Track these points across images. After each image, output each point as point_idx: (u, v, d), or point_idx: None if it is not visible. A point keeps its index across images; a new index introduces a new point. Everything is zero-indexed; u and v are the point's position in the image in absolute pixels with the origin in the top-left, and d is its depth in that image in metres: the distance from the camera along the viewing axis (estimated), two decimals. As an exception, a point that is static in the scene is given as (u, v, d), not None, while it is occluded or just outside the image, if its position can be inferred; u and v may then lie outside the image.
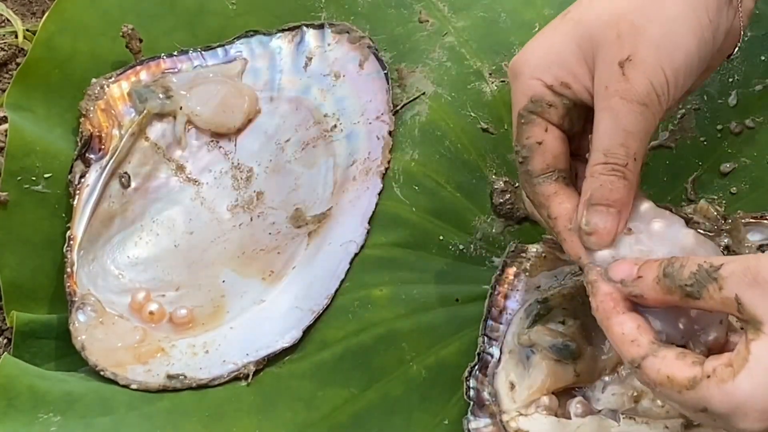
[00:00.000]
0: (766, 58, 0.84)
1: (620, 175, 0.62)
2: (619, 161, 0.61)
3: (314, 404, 0.72)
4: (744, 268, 0.56)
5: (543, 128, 0.65)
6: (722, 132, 0.82)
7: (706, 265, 0.57)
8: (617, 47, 0.61)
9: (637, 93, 0.61)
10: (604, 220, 0.62)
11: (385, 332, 0.75)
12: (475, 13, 0.88)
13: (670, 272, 0.58)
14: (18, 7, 1.01)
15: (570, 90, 0.64)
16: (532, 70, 0.65)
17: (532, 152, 0.66)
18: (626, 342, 0.59)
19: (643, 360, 0.58)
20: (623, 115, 0.61)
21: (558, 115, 0.65)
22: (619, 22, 0.62)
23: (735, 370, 0.55)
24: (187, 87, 0.85)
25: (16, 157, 0.81)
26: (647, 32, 0.61)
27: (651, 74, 0.61)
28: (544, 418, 0.68)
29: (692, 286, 0.57)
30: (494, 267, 0.78)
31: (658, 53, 0.61)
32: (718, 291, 0.56)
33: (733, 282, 0.56)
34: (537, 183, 0.66)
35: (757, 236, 0.73)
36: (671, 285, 0.58)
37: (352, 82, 0.86)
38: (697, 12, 0.62)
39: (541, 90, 0.65)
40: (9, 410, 0.70)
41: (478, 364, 0.71)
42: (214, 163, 0.85)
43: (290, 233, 0.81)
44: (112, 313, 0.76)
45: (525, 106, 0.65)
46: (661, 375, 0.57)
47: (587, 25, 0.63)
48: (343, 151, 0.83)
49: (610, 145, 0.61)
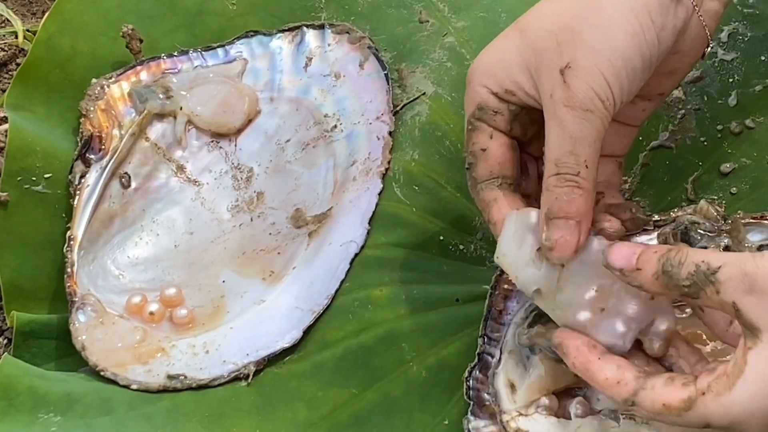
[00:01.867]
0: (766, 58, 0.84)
1: (574, 184, 0.62)
2: (571, 170, 0.61)
3: (314, 404, 0.72)
4: (741, 274, 0.55)
5: (488, 135, 0.67)
6: (722, 132, 0.82)
7: (704, 266, 0.57)
8: (557, 55, 0.62)
9: (579, 99, 0.61)
10: (563, 233, 0.62)
11: (385, 332, 0.75)
12: (475, 13, 0.89)
13: (669, 270, 0.58)
14: (18, 7, 1.01)
15: (515, 97, 0.65)
16: (479, 77, 0.67)
17: (476, 158, 0.67)
18: (613, 385, 0.59)
19: (635, 397, 0.58)
20: (568, 123, 0.61)
21: (504, 120, 0.66)
22: (559, 30, 0.63)
23: (731, 382, 0.55)
24: (188, 87, 0.85)
25: (16, 158, 0.81)
26: (584, 38, 0.61)
27: (590, 80, 0.61)
28: (544, 418, 0.68)
29: (690, 287, 0.57)
30: (494, 267, 0.78)
31: (596, 58, 0.61)
32: (715, 294, 0.56)
33: (731, 288, 0.55)
34: (480, 189, 0.68)
35: (757, 236, 0.73)
36: (669, 282, 0.58)
37: (352, 82, 0.86)
38: (635, 13, 0.62)
39: (487, 97, 0.66)
40: (9, 410, 0.70)
41: (478, 365, 0.71)
42: (214, 164, 0.85)
43: (290, 233, 0.81)
44: (113, 313, 0.76)
45: (472, 113, 0.67)
46: (657, 405, 0.57)
47: (530, 34, 0.64)
48: (343, 152, 0.83)
49: (559, 154, 0.62)
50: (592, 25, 0.62)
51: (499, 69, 0.66)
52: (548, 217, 0.62)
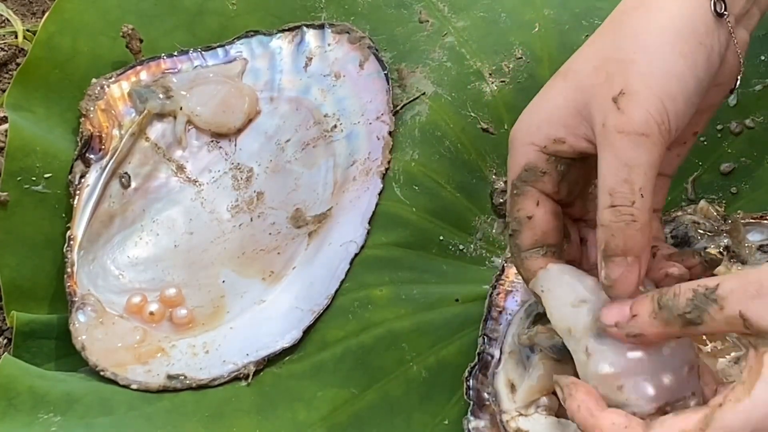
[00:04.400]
0: (765, 58, 0.84)
1: (630, 218, 0.59)
2: (625, 200, 0.58)
3: (314, 404, 0.72)
4: (744, 283, 0.54)
5: (534, 201, 0.64)
6: (722, 132, 0.82)
7: (701, 288, 0.55)
8: (608, 86, 0.60)
9: (634, 123, 0.58)
10: (622, 271, 0.59)
11: (385, 332, 0.75)
12: (475, 13, 0.89)
13: (666, 303, 0.56)
14: (18, 7, 1.01)
15: (565, 144, 0.62)
16: (524, 135, 0.64)
17: (521, 226, 0.64)
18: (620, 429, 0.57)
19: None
20: (623, 149, 0.58)
21: (552, 182, 0.64)
22: (606, 63, 0.61)
23: (749, 386, 0.53)
24: (188, 87, 0.85)
25: (16, 158, 0.81)
26: (635, 65, 0.60)
27: (646, 103, 0.59)
28: (543, 418, 0.68)
29: (691, 312, 0.55)
30: (494, 267, 0.78)
31: (650, 81, 0.59)
32: (719, 312, 0.54)
33: (735, 299, 0.54)
34: (525, 257, 0.64)
35: (757, 236, 0.73)
36: (669, 316, 0.56)
37: (352, 82, 0.86)
38: (683, 36, 0.60)
39: (535, 155, 0.63)
40: (9, 410, 0.70)
41: (478, 365, 0.71)
42: (214, 164, 0.85)
43: (290, 233, 0.81)
44: (112, 313, 0.76)
45: (519, 176, 0.64)
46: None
47: (574, 75, 0.62)
48: (343, 152, 0.83)
49: (613, 183, 0.59)
50: (640, 50, 0.60)
51: (543, 121, 0.63)
52: (606, 254, 0.60)
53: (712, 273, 0.66)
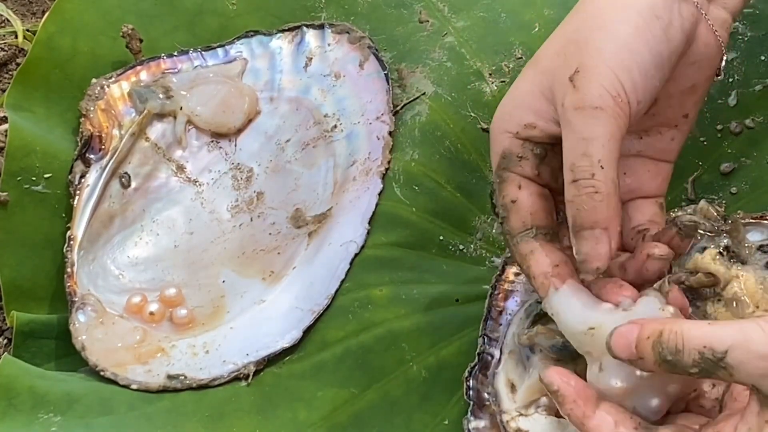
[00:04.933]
0: (766, 58, 0.84)
1: (591, 189, 0.59)
2: (586, 174, 0.59)
3: (314, 404, 0.72)
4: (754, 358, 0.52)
5: (516, 185, 0.65)
6: (722, 132, 0.82)
7: (708, 352, 0.54)
8: (566, 67, 0.61)
9: (588, 98, 0.59)
10: (591, 243, 0.60)
11: (385, 332, 0.75)
12: (475, 13, 0.89)
13: (669, 360, 0.55)
14: (18, 7, 1.01)
15: (536, 129, 0.63)
16: (499, 124, 0.65)
17: (507, 211, 0.65)
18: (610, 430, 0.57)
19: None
20: (579, 124, 0.60)
21: (530, 165, 0.64)
22: (566, 46, 0.62)
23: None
24: (188, 87, 0.85)
25: (16, 158, 0.81)
26: (588, 44, 0.61)
27: (599, 78, 0.60)
28: (544, 418, 0.68)
29: (700, 372, 0.54)
30: (494, 267, 0.78)
31: (602, 56, 0.60)
32: (730, 377, 0.53)
33: (745, 373, 0.53)
34: (516, 242, 0.65)
35: (757, 236, 0.73)
36: (675, 369, 0.55)
37: (352, 82, 0.86)
38: (637, 10, 0.61)
39: (509, 142, 0.64)
40: (9, 410, 0.70)
41: (478, 365, 0.71)
42: (214, 164, 0.85)
43: (290, 233, 0.81)
44: (112, 313, 0.76)
45: (498, 164, 0.65)
46: None
47: (540, 61, 0.64)
48: (343, 152, 0.83)
49: (573, 157, 0.60)
50: (594, 29, 0.61)
51: (515, 108, 0.64)
52: (575, 230, 0.60)
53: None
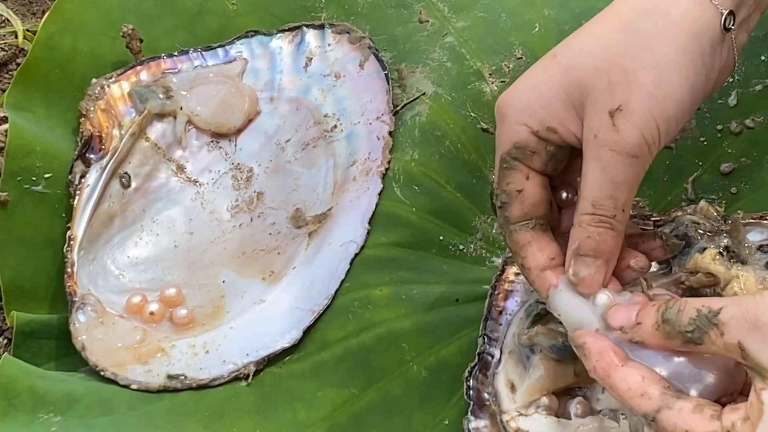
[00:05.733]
0: (766, 58, 0.84)
1: (608, 226, 0.61)
2: (607, 213, 0.61)
3: (314, 404, 0.72)
4: (743, 312, 0.54)
5: (524, 175, 0.64)
6: (722, 132, 0.82)
7: (704, 309, 0.55)
8: (608, 95, 0.60)
9: (627, 145, 0.59)
10: (590, 271, 0.62)
11: (385, 332, 0.75)
12: (475, 13, 0.89)
13: (669, 318, 0.57)
14: (18, 7, 1.01)
15: (556, 135, 0.63)
16: (517, 114, 0.64)
17: (511, 199, 0.65)
18: (635, 397, 0.57)
19: (657, 413, 0.56)
20: (612, 167, 0.60)
21: (541, 161, 0.64)
22: (610, 69, 0.60)
23: (753, 423, 0.53)
24: (188, 87, 0.85)
25: (16, 158, 0.81)
26: (639, 80, 0.60)
27: (642, 125, 0.59)
28: (544, 419, 0.68)
29: (693, 332, 0.56)
30: (494, 267, 0.78)
31: (650, 103, 0.59)
32: (719, 337, 0.55)
33: (734, 327, 0.54)
34: (513, 230, 0.65)
35: (757, 236, 0.73)
36: (671, 331, 0.57)
37: (352, 82, 0.86)
38: (691, 56, 0.60)
39: (526, 136, 0.63)
40: (9, 410, 0.70)
41: (478, 364, 0.71)
42: (214, 164, 0.85)
43: (290, 233, 0.81)
44: (113, 313, 0.76)
45: (508, 151, 0.64)
46: (679, 428, 0.55)
47: (576, 71, 0.62)
48: (343, 152, 0.83)
49: (598, 196, 0.60)
50: (646, 67, 0.60)
51: (539, 106, 0.63)
52: (577, 253, 0.62)
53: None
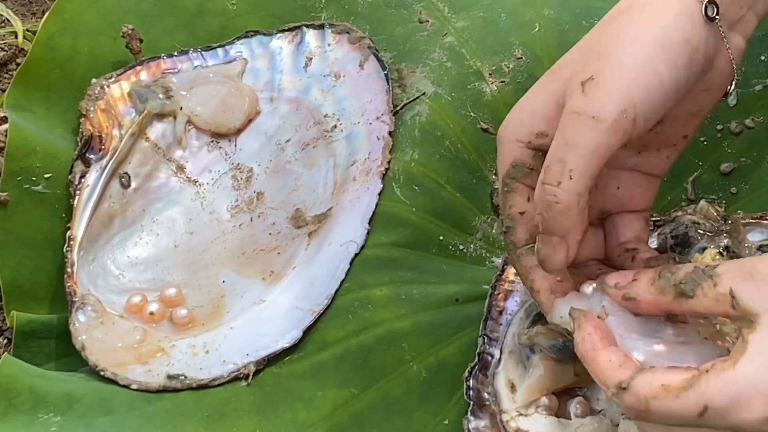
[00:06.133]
0: (765, 58, 0.84)
1: (553, 198, 0.58)
2: (553, 180, 0.58)
3: (314, 404, 0.72)
4: (739, 265, 0.56)
5: (525, 197, 0.63)
6: (722, 132, 0.82)
7: (701, 265, 0.57)
8: (583, 74, 0.59)
9: (590, 106, 0.58)
10: (548, 249, 0.60)
11: (385, 332, 0.75)
12: (475, 13, 0.89)
13: (665, 274, 0.58)
14: (18, 8, 1.01)
15: (548, 137, 0.61)
16: (510, 133, 0.63)
17: (514, 223, 0.64)
18: (613, 368, 0.57)
19: (632, 379, 0.56)
20: (569, 128, 0.58)
21: None
22: (587, 55, 0.60)
23: (735, 360, 0.54)
24: (188, 87, 0.85)
25: (16, 158, 0.81)
26: (611, 54, 0.59)
27: (612, 89, 0.58)
28: (544, 418, 0.68)
29: (686, 284, 0.57)
30: (494, 267, 0.78)
31: (621, 70, 0.58)
32: (712, 288, 0.56)
33: (728, 277, 0.56)
34: (520, 254, 0.64)
35: (757, 236, 0.73)
36: (665, 285, 0.58)
37: (352, 82, 0.86)
38: (666, 32, 0.60)
39: (521, 152, 0.63)
40: (9, 410, 0.70)
41: (478, 364, 0.71)
42: (214, 164, 0.85)
43: (290, 233, 0.81)
44: (113, 313, 0.76)
45: (507, 173, 0.63)
46: (654, 386, 0.56)
47: (559, 71, 0.62)
48: (343, 152, 0.83)
49: (549, 159, 0.59)
50: (620, 43, 0.59)
51: (527, 116, 0.62)
52: (540, 229, 0.60)
53: None
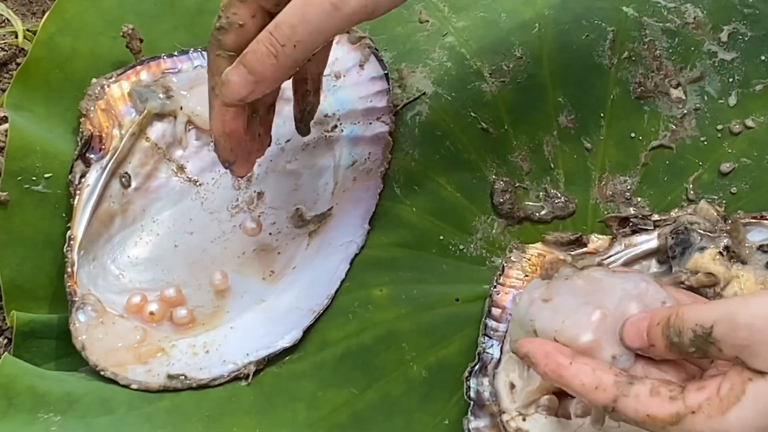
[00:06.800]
0: (765, 59, 0.84)
1: (272, 52, 0.63)
2: (280, 39, 0.62)
3: (314, 404, 0.72)
4: (734, 328, 0.54)
5: (251, 13, 0.66)
6: (722, 132, 0.82)
7: (698, 329, 0.56)
8: None
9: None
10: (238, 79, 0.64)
11: (386, 332, 0.75)
12: (475, 13, 0.89)
13: (675, 342, 0.57)
14: (18, 7, 1.01)
15: None
16: None
17: (231, 28, 0.66)
18: (591, 391, 0.58)
19: (615, 404, 0.57)
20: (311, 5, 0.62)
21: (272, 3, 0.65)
22: None
23: (725, 407, 0.54)
24: (188, 87, 0.85)
25: (16, 157, 0.81)
26: None
27: None
28: (544, 418, 0.68)
29: (696, 351, 0.56)
30: (494, 267, 0.78)
31: None
32: (719, 353, 0.55)
33: (729, 346, 0.55)
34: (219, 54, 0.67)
35: (757, 236, 0.73)
36: (681, 350, 0.57)
37: (352, 82, 0.86)
38: None
39: None
40: (9, 410, 0.70)
41: (478, 364, 0.71)
42: (214, 164, 0.85)
43: (291, 233, 0.81)
44: (113, 313, 0.76)
45: None
46: (640, 414, 0.56)
47: None
48: (343, 152, 0.83)
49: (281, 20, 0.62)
50: None
51: None
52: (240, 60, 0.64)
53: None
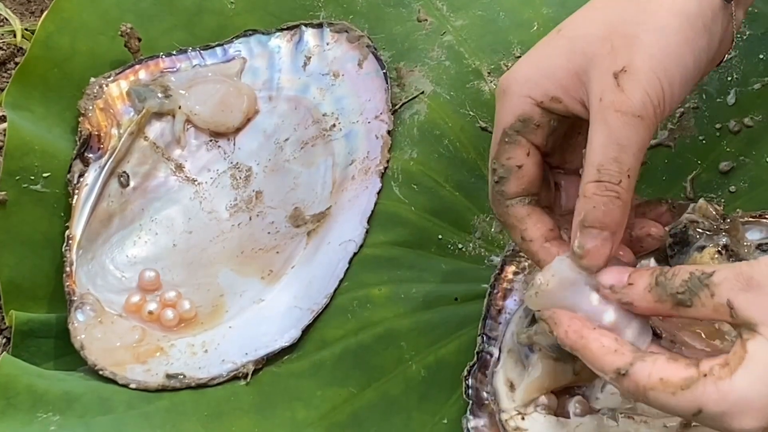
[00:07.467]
0: (764, 57, 0.84)
1: (614, 195, 0.60)
2: (612, 178, 0.60)
3: (313, 403, 0.72)
4: (736, 274, 0.55)
5: (525, 151, 0.64)
6: (721, 131, 0.82)
7: (697, 272, 0.56)
8: (611, 59, 0.60)
9: (632, 104, 0.59)
10: (596, 242, 0.60)
11: (384, 331, 0.75)
12: (474, 12, 0.88)
13: (662, 281, 0.58)
14: (17, 6, 1.01)
15: (561, 104, 0.63)
16: (521, 87, 0.64)
17: (509, 174, 0.65)
18: (608, 353, 0.58)
19: (631, 366, 0.57)
20: (617, 128, 0.59)
21: (543, 135, 0.64)
22: (612, 35, 0.61)
23: (732, 368, 0.54)
24: (186, 86, 0.85)
25: (14, 157, 0.81)
26: (641, 42, 0.60)
27: (646, 84, 0.59)
28: (543, 418, 0.68)
29: (684, 293, 0.56)
30: (493, 266, 0.78)
31: (653, 62, 0.60)
32: (709, 298, 0.56)
33: (725, 288, 0.55)
34: (510, 205, 0.65)
35: (756, 235, 0.73)
36: (662, 293, 0.57)
37: (351, 81, 0.86)
38: (691, 20, 0.61)
39: (531, 108, 0.63)
40: (8, 409, 0.70)
41: (477, 363, 0.71)
42: (213, 163, 0.85)
43: (289, 232, 0.81)
44: (111, 313, 0.76)
45: (512, 125, 0.64)
46: (653, 378, 0.56)
47: (579, 40, 0.62)
48: (342, 151, 0.83)
49: (603, 160, 0.60)
50: (648, 29, 0.60)
51: (542, 77, 0.63)
52: (583, 224, 0.61)
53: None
